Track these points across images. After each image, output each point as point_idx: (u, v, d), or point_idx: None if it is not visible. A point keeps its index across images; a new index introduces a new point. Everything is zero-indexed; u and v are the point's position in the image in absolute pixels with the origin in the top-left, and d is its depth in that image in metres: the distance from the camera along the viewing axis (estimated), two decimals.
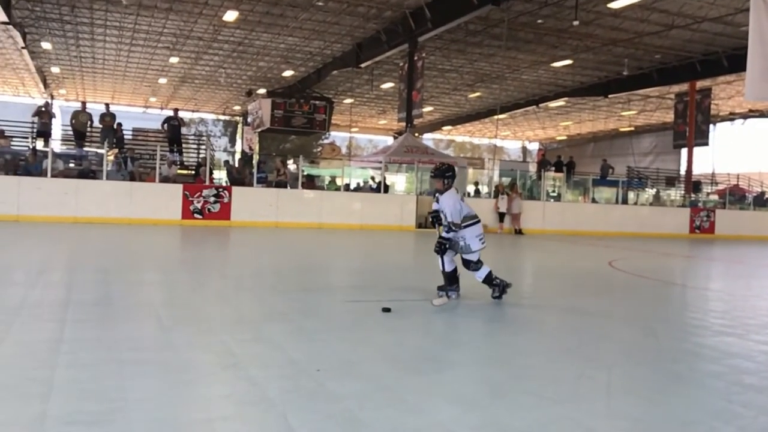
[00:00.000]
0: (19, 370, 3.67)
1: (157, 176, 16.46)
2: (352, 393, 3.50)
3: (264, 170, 18.94)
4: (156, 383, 3.55)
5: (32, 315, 5.18)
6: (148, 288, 7.02)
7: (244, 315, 5.69)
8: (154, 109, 39.06)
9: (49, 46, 26.26)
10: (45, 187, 15.15)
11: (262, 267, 9.88)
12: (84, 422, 2.90)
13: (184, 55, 27.47)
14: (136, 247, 11.61)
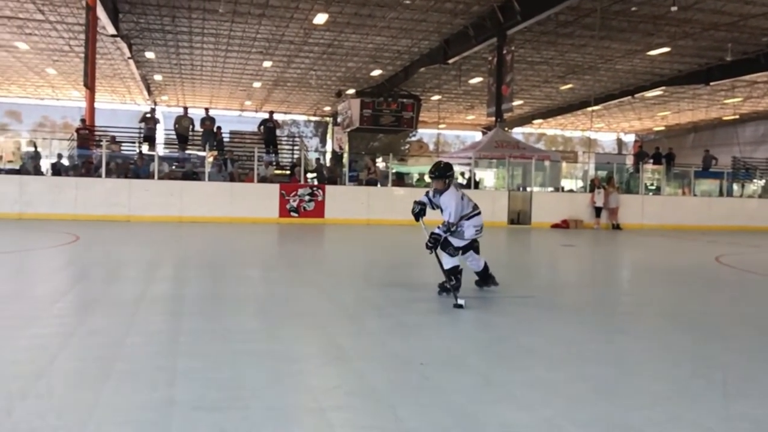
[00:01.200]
0: (145, 358, 3.94)
1: (255, 177, 17.09)
2: (458, 387, 3.54)
3: (355, 169, 19.25)
4: (269, 374, 3.72)
5: (151, 308, 5.52)
6: (252, 283, 7.32)
7: (345, 309, 5.84)
8: (249, 112, 40.46)
9: (153, 55, 27.74)
10: (152, 189, 16.07)
11: (358, 263, 10.07)
12: (208, 408, 3.09)
13: (277, 58, 28.27)
14: (238, 245, 12.10)
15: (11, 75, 32.53)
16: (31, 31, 24.91)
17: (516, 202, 19.56)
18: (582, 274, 10.18)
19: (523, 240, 15.80)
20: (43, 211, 15.00)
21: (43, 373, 3.58)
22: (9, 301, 5.73)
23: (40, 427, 2.81)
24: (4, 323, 4.79)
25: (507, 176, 20.77)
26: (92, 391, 3.28)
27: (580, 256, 12.52)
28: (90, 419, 2.89)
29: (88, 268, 8.29)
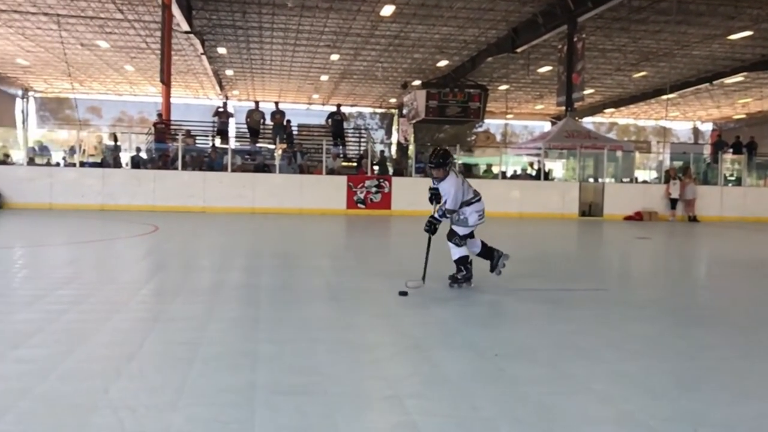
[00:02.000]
0: (227, 343, 4.10)
1: (323, 169, 17.36)
2: (534, 378, 3.53)
3: (422, 160, 19.25)
4: (344, 361, 3.81)
5: (228, 296, 5.72)
6: (322, 273, 7.46)
7: (416, 299, 5.87)
8: (317, 106, 40.99)
9: (224, 50, 28.47)
10: (226, 181, 16.58)
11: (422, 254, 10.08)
12: (288, 392, 3.19)
13: (344, 51, 28.51)
14: (307, 236, 12.33)
15: (93, 72, 34.05)
16: (111, 29, 25.99)
17: (587, 193, 19.12)
18: (658, 267, 9.88)
19: (596, 232, 15.45)
20: (124, 203, 15.70)
21: (133, 355, 3.77)
22: (98, 287, 6.04)
23: (135, 405, 2.97)
24: (95, 308, 5.06)
25: (577, 167, 20.31)
26: (179, 373, 3.44)
27: (655, 249, 12.14)
28: (179, 399, 3.04)
29: (167, 257, 8.65)
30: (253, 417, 2.85)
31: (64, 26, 24.84)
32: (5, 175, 15.92)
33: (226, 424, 2.76)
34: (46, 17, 24.16)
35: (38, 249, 9.29)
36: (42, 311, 4.81)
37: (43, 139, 22.20)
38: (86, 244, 9.99)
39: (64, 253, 9.02)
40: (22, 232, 11.62)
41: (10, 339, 3.99)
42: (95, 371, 3.47)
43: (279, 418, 2.85)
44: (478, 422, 2.87)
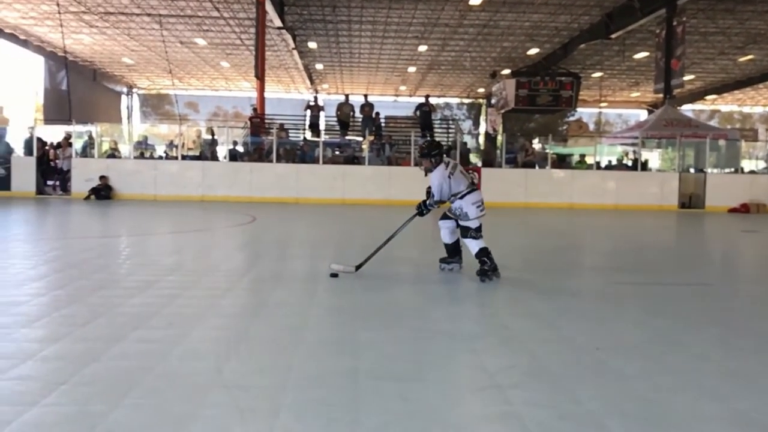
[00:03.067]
0: (329, 329, 4.25)
1: (411, 160, 17.42)
2: (638, 373, 3.45)
3: (512, 150, 18.97)
4: (443, 350, 3.86)
5: (326, 283, 5.88)
6: (414, 263, 7.52)
7: (509, 291, 5.84)
8: (404, 97, 41.14)
9: (315, 45, 29.06)
10: (318, 173, 16.99)
11: (516, 246, 9.97)
12: (390, 378, 3.28)
13: (432, 42, 28.44)
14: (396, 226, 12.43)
15: (191, 69, 35.61)
16: (208, 27, 27.09)
17: (688, 184, 18.27)
18: (767, 262, 9.33)
19: (697, 225, 14.75)
20: (222, 194, 16.39)
21: (242, 338, 3.97)
22: (204, 274, 6.37)
23: (247, 384, 3.14)
24: (204, 293, 5.35)
25: (677, 157, 19.42)
26: (286, 356, 3.60)
27: (764, 243, 11.47)
28: (287, 381, 3.19)
29: (266, 246, 8.98)
30: (358, 401, 2.94)
31: (165, 26, 26.11)
32: (115, 168, 16.98)
33: (333, 406, 2.87)
34: (149, 18, 25.48)
35: (147, 237, 9.87)
36: (155, 296, 5.13)
37: (146, 133, 23.46)
38: (190, 233, 10.52)
39: (170, 241, 9.55)
40: (131, 221, 12.36)
41: (131, 321, 4.29)
42: (208, 352, 3.69)
43: (383, 402, 2.93)
44: (582, 415, 2.85)
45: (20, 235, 10.11)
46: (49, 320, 4.33)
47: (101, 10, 24.48)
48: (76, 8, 23.86)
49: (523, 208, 16.85)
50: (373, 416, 2.76)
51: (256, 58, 21.58)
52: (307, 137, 20.34)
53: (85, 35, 28.02)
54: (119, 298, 5.03)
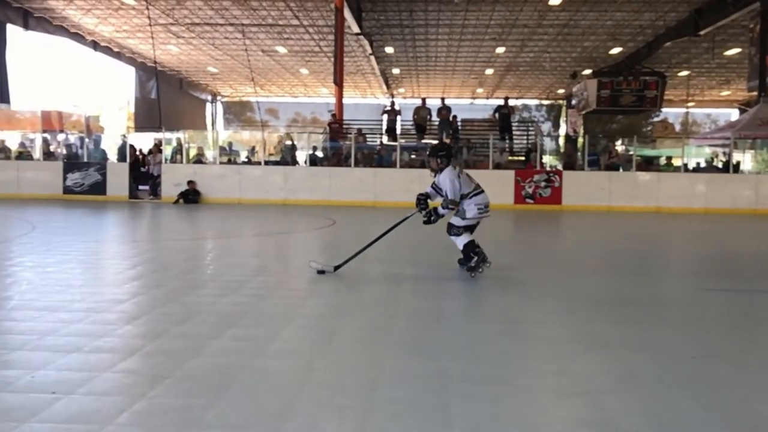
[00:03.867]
0: (417, 332, 4.28)
1: (490, 163, 17.27)
2: (741, 384, 3.32)
3: (595, 153, 18.47)
4: (530, 354, 3.83)
5: (409, 287, 5.93)
6: (499, 267, 7.45)
7: (598, 297, 5.70)
8: (481, 100, 40.80)
9: (391, 50, 29.25)
10: (395, 177, 17.08)
11: (599, 251, 9.72)
12: (479, 381, 3.28)
13: (510, 43, 28.08)
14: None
15: (272, 76, 36.57)
16: (288, 35, 27.75)
17: None
18: None
19: None
20: (303, 198, 16.75)
21: (330, 338, 4.07)
22: (291, 275, 6.55)
23: (341, 383, 3.21)
24: (291, 293, 5.51)
25: None
26: (376, 357, 3.67)
27: None
28: (379, 380, 3.24)
29: (348, 248, 9.09)
30: (449, 402, 2.96)
31: (248, 35, 26.95)
32: (202, 173, 17.66)
33: (425, 406, 2.90)
34: (233, 27, 26.36)
35: (233, 240, 10.22)
36: (246, 295, 5.31)
37: (230, 139, 24.25)
38: (274, 236, 10.82)
39: (256, 243, 9.85)
40: (218, 224, 12.82)
41: (225, 319, 4.46)
42: (301, 350, 3.80)
43: (474, 405, 2.94)
44: (683, 425, 2.77)
45: (117, 237, 10.69)
46: (149, 318, 4.57)
47: (188, 21, 25.53)
48: (165, 20, 24.98)
49: (606, 212, 16.37)
50: (465, 418, 2.77)
51: (334, 64, 21.92)
52: (384, 141, 20.49)
53: (173, 46, 29.28)
54: (212, 297, 5.24)
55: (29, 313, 4.49)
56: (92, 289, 5.60)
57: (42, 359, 3.45)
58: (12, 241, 8.74)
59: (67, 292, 5.29)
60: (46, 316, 4.37)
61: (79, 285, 5.74)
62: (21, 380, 3.12)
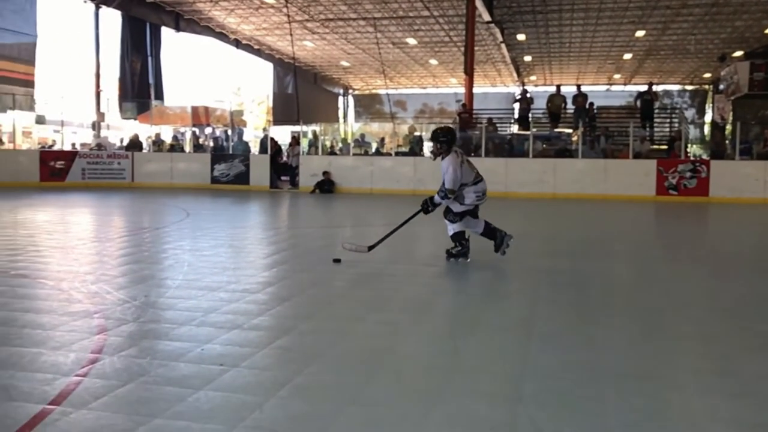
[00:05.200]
0: (558, 323, 4.21)
1: (630, 152, 16.45)
2: None
3: (747, 141, 17.06)
4: (686, 351, 3.64)
5: (549, 279, 5.82)
6: (617, 260, 7.13)
7: (755, 292, 5.30)
8: (618, 86, 38.94)
9: (523, 37, 28.60)
10: (527, 167, 16.73)
11: (748, 246, 9.00)
12: (631, 375, 3.18)
13: (650, 26, 26.53)
14: (612, 223, 11.88)
15: (402, 68, 36.99)
16: (418, 27, 27.93)
17: None
18: None
19: None
20: (432, 188, 16.79)
21: (474, 325, 4.09)
22: (429, 263, 6.66)
23: (486, 369, 3.24)
24: (430, 281, 5.60)
25: None
26: (521, 347, 3.66)
27: None
28: (525, 369, 3.24)
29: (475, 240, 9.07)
30: (602, 395, 2.90)
31: (379, 28, 27.43)
32: (336, 164, 18.26)
33: (577, 398, 2.85)
34: (365, 21, 26.93)
35: (368, 228, 10.50)
36: (388, 281, 5.47)
37: (360, 131, 24.87)
38: (409, 225, 10.96)
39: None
40: (352, 213, 13.22)
41: (369, 303, 4.63)
42: (444, 337, 3.87)
43: (629, 398, 2.86)
44: None
45: (261, 223, 11.33)
46: (298, 300, 4.82)
47: (322, 17, 26.40)
48: (302, 17, 26.00)
49: (762, 205, 15.09)
50: (623, 413, 2.70)
51: (465, 53, 21.80)
52: (515, 131, 20.12)
53: (308, 41, 30.40)
54: (353, 282, 5.44)
55: (192, 292, 4.89)
56: (244, 271, 5.99)
57: (208, 334, 3.76)
58: (170, 227, 9.52)
59: (223, 274, 5.70)
60: (207, 296, 4.74)
61: (233, 268, 6.16)
62: (192, 352, 3.42)
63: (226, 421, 2.52)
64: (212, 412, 2.64)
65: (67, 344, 3.49)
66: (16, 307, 4.36)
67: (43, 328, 3.80)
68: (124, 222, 10.87)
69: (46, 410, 2.58)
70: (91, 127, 23.04)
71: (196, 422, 2.52)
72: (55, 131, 22.45)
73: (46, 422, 2.47)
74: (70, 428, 2.44)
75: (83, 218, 11.51)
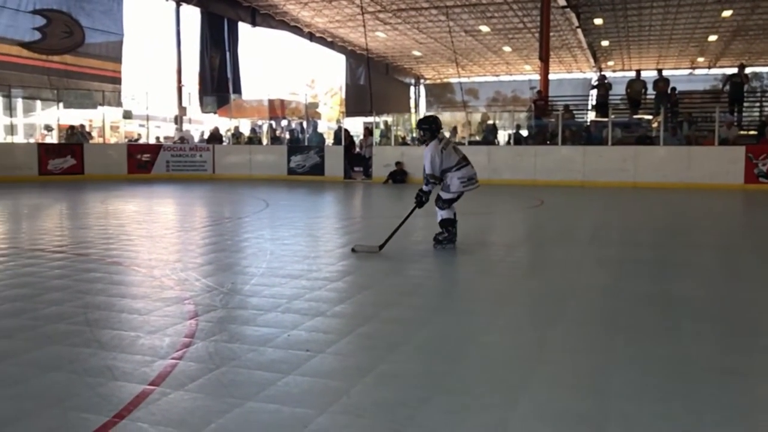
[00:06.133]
0: (642, 316, 4.09)
1: (715, 139, 15.71)
2: None
3: None
4: None
5: (634, 269, 5.66)
6: (703, 251, 6.83)
7: None
8: (701, 70, 37.21)
9: (600, 21, 27.70)
10: (605, 155, 16.24)
11: None
12: (721, 371, 3.06)
13: (738, 5, 25.15)
14: (696, 211, 11.41)
15: (474, 56, 36.59)
16: (491, 14, 27.53)
17: None
18: None
19: None
20: (506, 177, 16.62)
21: (557, 317, 4.04)
22: (508, 254, 6.60)
23: (568, 362, 3.20)
24: (509, 273, 5.55)
25: None
26: (606, 338, 3.60)
27: None
28: (609, 361, 3.17)
29: (563, 229, 8.91)
30: (694, 390, 2.81)
31: (452, 16, 27.20)
32: (408, 154, 18.28)
33: (666, 393, 2.78)
34: (437, 10, 26.76)
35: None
36: (464, 272, 5.49)
37: None
38: (482, 215, 10.89)
39: (464, 222, 9.98)
40: None
41: (447, 293, 4.64)
42: (526, 328, 3.84)
43: (721, 394, 2.77)
44: None
45: (337, 213, 11.51)
46: (378, 288, 4.89)
47: (394, 7, 26.41)
48: (374, 8, 26.09)
49: None
50: (712, 410, 2.61)
51: (540, 39, 21.35)
52: (593, 117, 19.56)
53: (380, 32, 30.48)
54: (431, 271, 5.48)
55: (275, 279, 5.04)
56: (324, 260, 6.11)
57: (292, 320, 3.87)
58: (251, 216, 9.81)
59: (303, 263, 5.84)
60: (290, 283, 4.87)
61: (312, 256, 6.30)
62: (279, 337, 3.53)
63: (315, 406, 2.59)
64: (301, 396, 2.72)
65: (161, 328, 3.67)
66: (113, 292, 4.61)
67: (139, 313, 4.01)
68: (207, 212, 11.27)
69: (147, 390, 2.73)
70: (174, 121, 23.96)
71: (287, 406, 2.61)
72: (140, 125, 23.48)
73: (148, 401, 2.62)
74: (170, 408, 2.57)
75: (169, 208, 12.02)
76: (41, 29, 19.37)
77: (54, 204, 12.19)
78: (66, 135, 19.39)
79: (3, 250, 6.43)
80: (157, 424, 2.40)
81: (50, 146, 18.51)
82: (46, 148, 18.20)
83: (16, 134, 20.76)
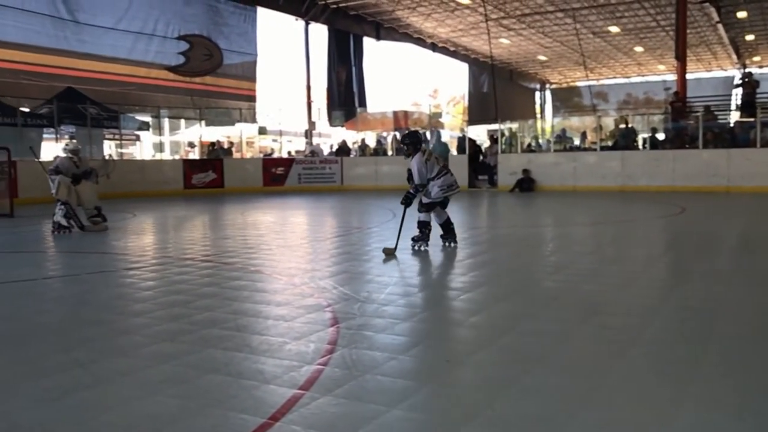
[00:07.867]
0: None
1: None
2: None
3: None
4: None
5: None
6: None
7: None
8: None
9: (744, 14, 25.77)
10: (754, 158, 15.01)
11: None
12: None
13: None
14: None
15: (603, 58, 35.27)
16: (621, 14, 26.45)
17: None
18: None
19: None
20: (643, 184, 15.81)
21: (710, 333, 3.79)
22: (648, 264, 6.28)
23: (724, 378, 2.98)
24: (651, 284, 5.28)
25: None
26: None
27: None
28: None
29: (707, 239, 8.35)
30: None
31: (578, 18, 26.42)
32: (535, 161, 17.91)
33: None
34: (563, 13, 26.10)
35: (576, 228, 10.18)
36: (604, 284, 5.27)
37: (560, 126, 24.08)
38: (617, 224, 10.45)
39: (601, 231, 9.63)
40: (556, 212, 12.86)
41: (588, 306, 4.48)
42: (671, 342, 3.63)
43: None
44: None
45: (464, 223, 11.44)
46: (514, 300, 4.80)
47: (518, 12, 26.05)
48: (497, 15, 25.86)
49: None
50: None
51: (676, 37, 20.20)
52: (737, 118, 18.18)
53: (504, 38, 30.17)
54: (570, 283, 5.31)
55: (408, 289, 5.11)
56: (455, 270, 6.11)
57: (429, 330, 3.90)
58: (379, 227, 10.00)
59: (434, 273, 5.88)
60: (423, 293, 4.93)
61: (443, 266, 6.33)
62: (417, 346, 3.58)
63: (460, 417, 2.59)
64: (444, 406, 2.73)
65: (306, 334, 3.82)
66: (258, 299, 4.87)
67: (284, 320, 4.20)
68: (337, 222, 11.64)
69: (297, 394, 2.85)
70: (304, 135, 25.00)
71: (430, 415, 2.63)
72: (273, 140, 24.72)
73: (299, 405, 2.74)
74: (320, 412, 2.67)
75: (302, 219, 12.54)
76: (185, 53, 20.96)
77: (199, 216, 13.09)
78: (207, 151, 20.79)
79: (158, 259, 6.99)
80: (310, 428, 2.50)
81: (194, 162, 19.94)
82: (190, 163, 19.61)
83: (163, 151, 22.56)
